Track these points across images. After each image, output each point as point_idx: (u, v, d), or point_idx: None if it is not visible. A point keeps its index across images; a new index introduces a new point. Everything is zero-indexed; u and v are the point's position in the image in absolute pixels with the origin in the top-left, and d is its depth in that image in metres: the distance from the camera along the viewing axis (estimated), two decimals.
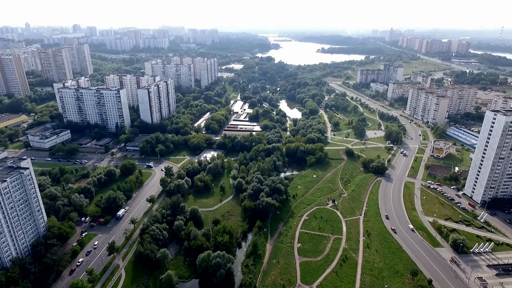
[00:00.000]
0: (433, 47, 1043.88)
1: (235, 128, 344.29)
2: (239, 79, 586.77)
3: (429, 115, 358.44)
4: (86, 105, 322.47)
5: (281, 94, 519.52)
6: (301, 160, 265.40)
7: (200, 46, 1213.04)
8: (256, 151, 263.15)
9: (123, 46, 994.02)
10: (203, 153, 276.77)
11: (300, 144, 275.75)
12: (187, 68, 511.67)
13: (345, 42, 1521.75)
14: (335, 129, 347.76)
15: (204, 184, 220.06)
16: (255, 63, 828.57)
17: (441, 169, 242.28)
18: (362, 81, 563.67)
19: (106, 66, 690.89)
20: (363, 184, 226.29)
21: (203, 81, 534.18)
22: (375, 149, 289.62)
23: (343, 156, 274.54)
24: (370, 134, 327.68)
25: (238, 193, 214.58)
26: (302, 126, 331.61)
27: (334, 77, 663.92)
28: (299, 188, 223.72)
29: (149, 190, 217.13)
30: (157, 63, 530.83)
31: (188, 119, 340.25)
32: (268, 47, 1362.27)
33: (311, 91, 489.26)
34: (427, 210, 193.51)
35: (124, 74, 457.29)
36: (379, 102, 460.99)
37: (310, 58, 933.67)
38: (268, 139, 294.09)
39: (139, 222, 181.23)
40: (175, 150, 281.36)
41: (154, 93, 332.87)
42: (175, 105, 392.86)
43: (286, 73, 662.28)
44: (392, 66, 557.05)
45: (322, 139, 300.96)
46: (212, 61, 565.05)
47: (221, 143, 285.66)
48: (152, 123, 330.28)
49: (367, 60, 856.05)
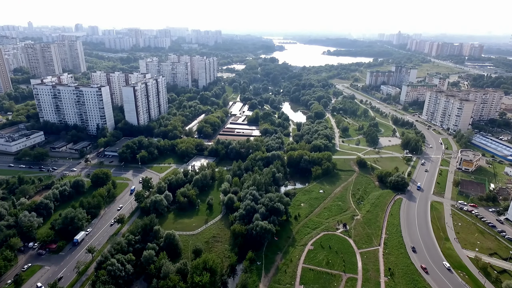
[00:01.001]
0: (444, 50, 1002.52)
1: (231, 132, 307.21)
2: (239, 80, 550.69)
3: (449, 121, 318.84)
4: (64, 104, 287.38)
5: (284, 96, 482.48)
6: (305, 171, 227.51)
7: (202, 46, 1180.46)
8: (252, 160, 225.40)
9: (122, 45, 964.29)
10: (192, 161, 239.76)
11: (304, 152, 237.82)
12: (183, 67, 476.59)
13: (351, 45, 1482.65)
14: (344, 135, 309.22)
15: (189, 199, 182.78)
16: (258, 63, 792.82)
17: (473, 185, 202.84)
18: (372, 84, 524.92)
19: (101, 65, 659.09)
20: (380, 203, 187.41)
21: (201, 81, 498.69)
22: (391, 159, 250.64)
23: (354, 167, 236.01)
24: (384, 142, 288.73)
25: (229, 211, 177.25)
26: (307, 131, 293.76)
27: (341, 79, 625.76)
28: (302, 207, 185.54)
29: (122, 207, 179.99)
30: (152, 61, 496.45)
31: (179, 122, 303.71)
32: (272, 48, 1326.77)
33: (317, 93, 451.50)
34: (464, 240, 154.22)
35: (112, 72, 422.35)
36: (391, 106, 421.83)
37: (316, 60, 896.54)
38: (267, 145, 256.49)
39: (100, 250, 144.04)
40: (160, 157, 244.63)
41: (141, 92, 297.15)
42: (167, 106, 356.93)
43: (290, 74, 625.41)
44: (404, 68, 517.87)
45: (330, 146, 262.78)
46: (211, 60, 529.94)
47: (213, 150, 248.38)
48: (138, 125, 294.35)
49: (375, 62, 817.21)
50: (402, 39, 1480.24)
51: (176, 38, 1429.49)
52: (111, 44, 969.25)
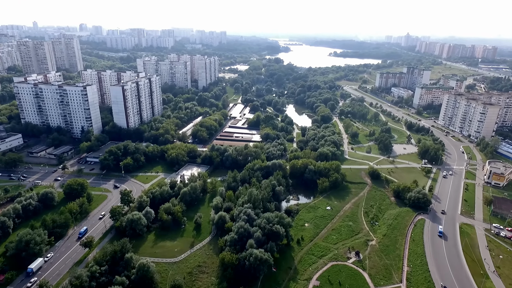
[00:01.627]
0: (456, 52, 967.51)
1: (229, 136, 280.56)
2: (242, 81, 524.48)
3: (470, 127, 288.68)
4: (47, 104, 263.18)
5: (288, 98, 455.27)
6: (310, 183, 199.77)
7: (206, 47, 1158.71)
8: (250, 170, 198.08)
9: (124, 45, 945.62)
10: (183, 170, 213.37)
11: (309, 161, 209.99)
12: (182, 66, 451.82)
13: (358, 47, 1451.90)
14: (354, 141, 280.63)
15: (173, 217, 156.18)
16: (262, 64, 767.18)
17: (507, 204, 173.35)
18: (382, 86, 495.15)
19: (100, 64, 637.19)
20: (398, 224, 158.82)
21: (201, 81, 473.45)
22: (408, 170, 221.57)
23: (366, 179, 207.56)
24: (398, 150, 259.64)
25: (219, 233, 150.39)
26: (312, 137, 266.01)
27: (349, 81, 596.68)
28: (306, 228, 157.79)
29: (94, 225, 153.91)
30: (150, 60, 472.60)
31: (172, 125, 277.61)
32: (278, 49, 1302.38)
33: (323, 95, 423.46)
34: (506, 277, 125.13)
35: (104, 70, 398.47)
36: (404, 110, 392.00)
37: (322, 61, 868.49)
38: (268, 153, 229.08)
39: (57, 284, 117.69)
40: (148, 165, 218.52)
41: (131, 92, 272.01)
42: (161, 107, 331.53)
43: (295, 75, 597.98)
44: (416, 69, 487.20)
45: (338, 154, 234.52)
46: (212, 60, 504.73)
47: (207, 157, 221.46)
48: (128, 128, 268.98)
49: (384, 64, 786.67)
50: (410, 41, 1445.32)
51: (180, 39, 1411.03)
52: (113, 43, 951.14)
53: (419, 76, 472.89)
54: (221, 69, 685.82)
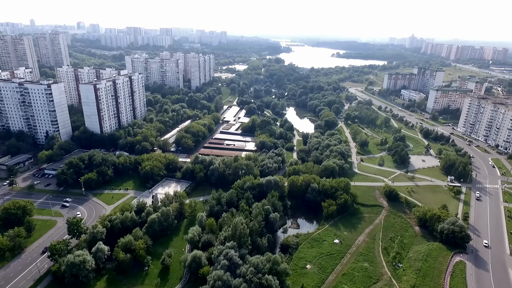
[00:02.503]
0: (464, 54, 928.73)
1: (219, 144, 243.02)
2: (239, 81, 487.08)
3: (498, 136, 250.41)
4: (6, 105, 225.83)
5: (288, 100, 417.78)
6: (313, 205, 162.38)
7: (205, 46, 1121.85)
8: (239, 189, 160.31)
9: (118, 43, 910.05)
10: (159, 186, 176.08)
11: (311, 177, 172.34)
12: (173, 64, 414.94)
13: (361, 48, 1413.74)
14: (363, 151, 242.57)
15: (134, 256, 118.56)
16: (262, 64, 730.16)
17: None
18: (390, 88, 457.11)
19: (90, 61, 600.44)
20: (430, 270, 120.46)
21: (194, 80, 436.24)
22: (432, 189, 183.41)
23: (382, 200, 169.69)
24: (416, 162, 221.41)
25: (193, 278, 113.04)
26: (316, 146, 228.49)
27: (354, 82, 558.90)
28: (308, 271, 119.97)
29: (26, 268, 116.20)
30: (139, 57, 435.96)
31: (154, 130, 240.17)
32: (279, 50, 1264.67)
33: (327, 97, 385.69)
34: None
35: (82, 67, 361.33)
36: (417, 114, 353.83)
37: (324, 62, 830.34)
38: (262, 166, 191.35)
39: None
40: (118, 179, 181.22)
41: (106, 92, 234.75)
42: (145, 109, 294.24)
43: (296, 76, 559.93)
44: (428, 70, 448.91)
45: (346, 168, 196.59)
46: (206, 58, 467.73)
47: (189, 171, 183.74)
48: (102, 134, 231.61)
49: (390, 65, 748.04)
50: (415, 43, 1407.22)
51: (179, 38, 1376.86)
52: (107, 41, 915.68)
53: (431, 78, 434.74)
54: (218, 68, 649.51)
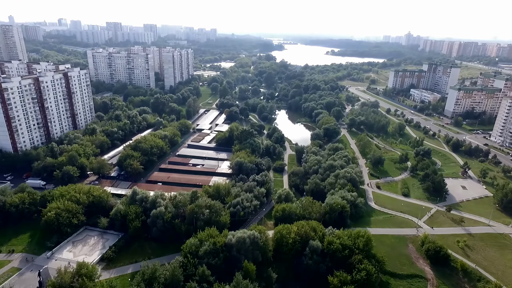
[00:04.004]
0: (467, 50, 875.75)
1: (182, 165, 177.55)
2: (222, 79, 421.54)
3: None
4: None
5: (279, 101, 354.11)
6: (314, 276, 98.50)
7: (192, 43, 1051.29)
8: (191, 256, 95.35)
9: (95, 39, 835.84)
10: (68, 244, 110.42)
11: (310, 227, 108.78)
12: (142, 60, 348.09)
13: (356, 46, 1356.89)
14: (378, 171, 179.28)
15: None
16: (252, 61, 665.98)
17: None
18: (397, 87, 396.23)
19: (56, 57, 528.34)
20: None
21: (168, 79, 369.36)
22: (495, 240, 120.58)
23: (421, 264, 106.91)
24: (455, 190, 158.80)
25: None
26: (314, 167, 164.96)
27: (353, 81, 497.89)
28: None
29: None
30: (102, 52, 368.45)
31: (92, 146, 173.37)
32: (271, 47, 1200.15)
33: (325, 98, 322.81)
34: None
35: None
36: (434, 119, 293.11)
37: (319, 60, 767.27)
38: (236, 205, 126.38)
39: None
40: (8, 230, 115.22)
41: (22, 94, 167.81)
42: (92, 116, 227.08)
43: (288, 73, 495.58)
44: (440, 66, 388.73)
45: (360, 205, 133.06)
46: (184, 53, 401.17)
47: (119, 217, 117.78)
48: (16, 153, 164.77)
49: (391, 62, 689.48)
50: (412, 40, 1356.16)
51: (165, 35, 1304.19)
52: (83, 37, 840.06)
53: (444, 75, 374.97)
54: (201, 66, 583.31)
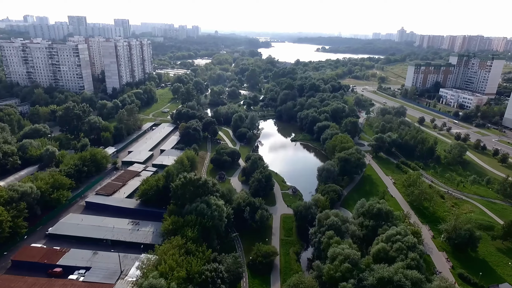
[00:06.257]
0: (472, 45, 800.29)
1: (39, 267, 76.67)
2: (191, 78, 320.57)
3: None
4: None
5: (265, 107, 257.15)
6: None
7: (168, 40, 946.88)
8: None
9: (52, 35, 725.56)
10: None
11: None
12: (70, 53, 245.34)
13: (347, 43, 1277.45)
14: (455, 247, 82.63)
15: None
16: (232, 58, 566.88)
17: None
18: (418, 86, 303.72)
19: None
20: None
21: (110, 79, 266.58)
22: None
23: None
24: None
25: None
26: (342, 274, 67.04)
27: (357, 79, 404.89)
28: None
29: None
30: (14, 42, 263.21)
31: None
32: (257, 44, 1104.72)
33: (329, 103, 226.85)
34: None
35: None
36: (491, 132, 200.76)
37: (310, 57, 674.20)
38: None
39: None
40: None
41: None
42: None
43: (276, 70, 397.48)
44: (475, 59, 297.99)
45: None
46: (135, 44, 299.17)
47: None
48: None
49: (395, 58, 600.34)
50: (406, 36, 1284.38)
51: (140, 33, 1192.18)
52: (38, 33, 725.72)
53: (483, 70, 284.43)
54: (170, 63, 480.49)
